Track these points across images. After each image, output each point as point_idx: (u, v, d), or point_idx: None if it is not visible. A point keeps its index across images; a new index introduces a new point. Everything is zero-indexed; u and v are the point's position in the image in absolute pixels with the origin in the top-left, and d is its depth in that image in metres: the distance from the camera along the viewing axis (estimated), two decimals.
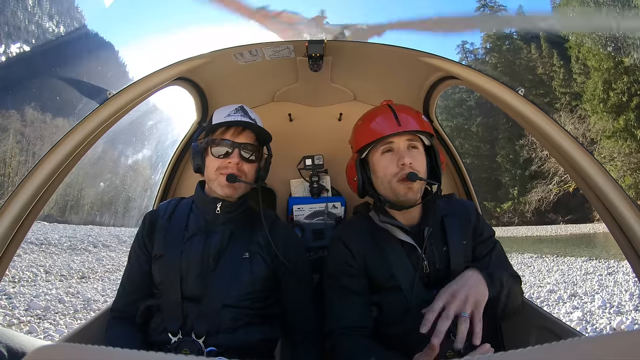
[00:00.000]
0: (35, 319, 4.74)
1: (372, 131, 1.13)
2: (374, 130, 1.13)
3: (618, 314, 4.68)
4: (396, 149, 1.10)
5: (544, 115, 1.10)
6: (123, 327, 1.13)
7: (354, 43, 1.36)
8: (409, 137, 1.11)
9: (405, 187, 1.08)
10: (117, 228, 17.84)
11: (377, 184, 1.16)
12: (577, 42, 25.65)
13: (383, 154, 1.12)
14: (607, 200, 1.04)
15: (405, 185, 1.07)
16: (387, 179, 1.11)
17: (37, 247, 10.27)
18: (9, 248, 1.04)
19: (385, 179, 1.11)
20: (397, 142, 1.10)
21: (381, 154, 1.12)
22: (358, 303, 1.10)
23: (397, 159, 1.08)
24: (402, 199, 1.09)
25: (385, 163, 1.11)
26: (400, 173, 1.08)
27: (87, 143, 1.13)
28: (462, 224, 1.16)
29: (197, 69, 1.35)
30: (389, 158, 1.11)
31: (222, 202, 1.17)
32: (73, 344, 0.50)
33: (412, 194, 1.08)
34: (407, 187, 1.08)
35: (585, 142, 23.57)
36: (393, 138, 1.10)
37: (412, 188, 1.08)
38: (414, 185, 1.07)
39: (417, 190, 1.09)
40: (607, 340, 0.42)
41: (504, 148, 30.38)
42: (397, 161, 1.08)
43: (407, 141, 1.11)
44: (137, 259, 1.18)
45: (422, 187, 1.12)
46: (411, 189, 1.08)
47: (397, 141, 1.10)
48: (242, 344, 1.08)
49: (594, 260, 9.50)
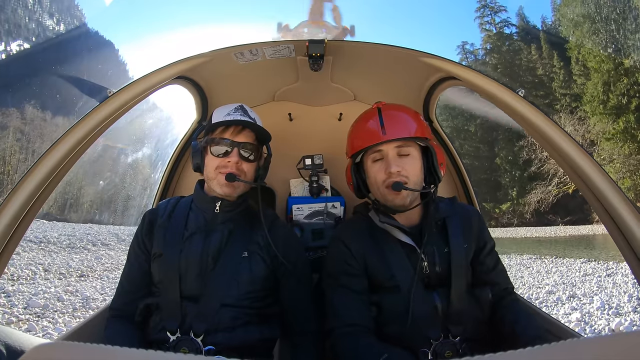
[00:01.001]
0: (34, 317, 4.74)
1: (360, 139, 1.14)
2: (361, 137, 1.13)
3: (617, 316, 4.69)
4: (385, 157, 1.10)
5: (543, 117, 1.10)
6: (122, 326, 1.13)
7: (354, 43, 1.36)
8: (398, 144, 1.10)
9: (392, 194, 1.08)
10: (116, 226, 17.82)
11: (370, 188, 1.17)
12: (578, 44, 25.67)
13: (374, 161, 1.12)
14: (607, 202, 1.05)
15: (392, 192, 1.08)
16: (377, 185, 1.12)
17: (36, 245, 10.26)
18: (8, 246, 1.04)
19: (375, 185, 1.13)
20: (385, 150, 1.10)
21: (372, 161, 1.13)
22: (358, 302, 1.10)
23: (385, 167, 1.09)
24: (391, 204, 1.10)
25: (375, 170, 1.12)
26: (387, 180, 1.08)
27: (87, 141, 1.12)
28: (464, 228, 1.16)
29: (197, 68, 1.35)
30: (378, 165, 1.11)
31: (222, 201, 1.17)
32: (72, 342, 0.50)
33: (399, 200, 1.09)
34: (394, 194, 1.08)
35: (585, 143, 23.59)
36: (381, 146, 1.10)
37: (399, 195, 1.08)
38: (401, 192, 1.07)
39: (406, 196, 1.09)
40: (606, 341, 0.42)
41: (504, 149, 30.40)
42: (385, 169, 1.09)
43: (397, 148, 1.10)
44: (136, 258, 1.18)
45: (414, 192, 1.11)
46: (399, 196, 1.08)
47: (386, 148, 1.10)
48: (241, 343, 1.08)
49: (592, 261, 9.50)
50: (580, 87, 26.65)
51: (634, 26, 22.05)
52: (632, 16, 22.20)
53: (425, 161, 1.15)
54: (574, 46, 26.37)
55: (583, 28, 24.78)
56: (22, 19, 29.51)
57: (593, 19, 23.94)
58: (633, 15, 22.15)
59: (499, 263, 1.20)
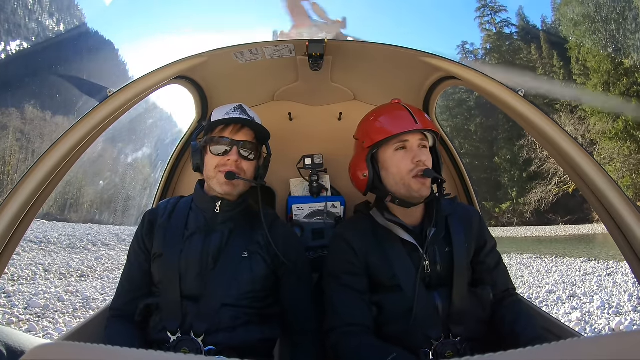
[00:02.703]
0: (34, 317, 4.74)
1: (386, 128, 1.13)
2: (390, 126, 1.13)
3: (617, 315, 4.69)
4: (410, 147, 1.11)
5: (543, 116, 1.10)
6: (122, 326, 1.13)
7: (354, 43, 1.35)
8: (421, 137, 1.13)
9: (419, 183, 1.09)
10: (116, 226, 17.84)
11: (387, 180, 1.15)
12: (577, 43, 25.65)
13: (396, 150, 1.12)
14: (607, 201, 1.04)
15: (420, 181, 1.09)
16: (400, 176, 1.11)
17: (36, 246, 10.27)
18: (8, 246, 1.04)
19: (398, 176, 1.11)
20: (411, 140, 1.11)
21: (394, 150, 1.12)
22: (359, 301, 1.10)
23: (412, 157, 1.10)
24: (416, 194, 1.10)
25: (398, 160, 1.11)
26: (415, 169, 1.09)
27: (87, 141, 1.12)
28: (465, 228, 1.17)
29: (197, 67, 1.35)
30: (402, 155, 1.11)
31: (222, 201, 1.17)
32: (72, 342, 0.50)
33: (425, 189, 1.10)
34: (421, 183, 1.09)
35: (585, 143, 23.57)
36: (408, 136, 1.11)
37: (425, 184, 1.09)
38: (427, 181, 1.09)
39: (429, 187, 1.11)
40: (606, 340, 0.42)
41: (504, 148, 30.41)
42: (412, 158, 1.10)
43: (420, 140, 1.12)
44: (137, 258, 1.18)
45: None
46: (424, 185, 1.09)
47: (412, 139, 1.11)
48: (241, 343, 1.08)
49: (593, 261, 9.51)
50: (580, 87, 26.64)
51: (633, 26, 22.04)
52: (632, 16, 22.18)
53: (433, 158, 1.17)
54: (574, 46, 26.36)
55: (583, 28, 24.77)
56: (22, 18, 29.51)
57: (593, 18, 23.93)
58: (633, 15, 22.13)
59: (500, 263, 1.20)
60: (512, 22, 31.86)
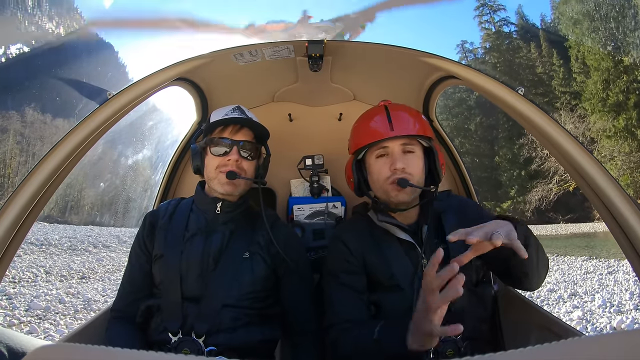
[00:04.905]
0: (35, 319, 4.74)
1: (366, 134, 1.13)
2: (367, 133, 1.13)
3: (618, 313, 4.68)
4: (390, 153, 1.10)
5: (543, 115, 1.10)
6: (123, 327, 1.14)
7: (353, 43, 1.35)
8: (404, 141, 1.10)
9: (396, 190, 1.08)
10: (117, 228, 17.82)
11: (372, 185, 1.17)
12: (577, 41, 25.63)
13: (377, 157, 1.12)
14: (607, 199, 1.04)
15: (396, 188, 1.08)
16: (379, 183, 1.11)
17: (37, 248, 10.27)
18: (9, 249, 1.04)
19: (377, 183, 1.12)
20: (391, 146, 1.10)
21: (376, 157, 1.12)
22: (357, 300, 1.10)
23: (390, 163, 1.09)
24: (394, 200, 1.10)
25: (379, 167, 1.11)
26: (392, 177, 1.08)
27: (87, 144, 1.12)
28: (460, 220, 1.15)
29: (196, 69, 1.35)
30: (382, 162, 1.11)
31: (223, 202, 1.18)
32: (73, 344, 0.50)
33: (403, 196, 1.09)
34: (397, 191, 1.08)
35: (585, 141, 23.54)
36: (387, 142, 1.10)
37: (402, 191, 1.08)
38: (405, 189, 1.08)
39: (409, 194, 1.09)
40: (608, 340, 0.42)
41: (504, 147, 30.39)
42: (389, 165, 1.09)
43: (402, 145, 1.10)
44: (138, 259, 1.19)
45: (416, 190, 1.12)
46: (402, 192, 1.08)
47: (391, 145, 1.10)
48: (242, 343, 1.08)
49: (594, 259, 9.50)
50: (580, 85, 26.62)
51: (633, 24, 22.00)
52: (631, 14, 22.16)
53: (427, 161, 1.15)
54: (573, 44, 26.33)
55: (582, 26, 24.72)
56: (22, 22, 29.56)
57: (592, 16, 23.89)
58: (632, 13, 22.11)
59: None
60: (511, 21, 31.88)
